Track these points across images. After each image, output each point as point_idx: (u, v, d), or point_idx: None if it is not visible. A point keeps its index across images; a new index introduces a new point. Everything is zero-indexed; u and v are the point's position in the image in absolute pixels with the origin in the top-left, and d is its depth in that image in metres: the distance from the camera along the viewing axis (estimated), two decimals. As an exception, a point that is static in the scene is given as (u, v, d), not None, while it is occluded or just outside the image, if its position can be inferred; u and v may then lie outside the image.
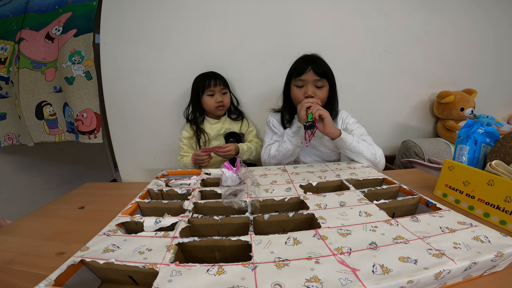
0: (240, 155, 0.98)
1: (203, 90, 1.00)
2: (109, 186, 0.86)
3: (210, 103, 1.01)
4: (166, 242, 0.39)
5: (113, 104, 1.18)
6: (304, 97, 0.79)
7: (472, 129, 0.65)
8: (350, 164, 0.77)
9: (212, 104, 1.01)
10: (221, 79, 1.04)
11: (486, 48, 1.29)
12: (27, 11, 1.16)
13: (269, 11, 1.10)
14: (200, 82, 1.01)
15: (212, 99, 1.01)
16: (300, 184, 0.61)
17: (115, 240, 0.41)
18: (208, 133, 1.05)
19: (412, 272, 0.31)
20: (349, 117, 0.90)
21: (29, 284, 0.31)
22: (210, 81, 1.00)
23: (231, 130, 1.08)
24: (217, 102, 1.01)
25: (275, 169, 0.76)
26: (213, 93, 1.01)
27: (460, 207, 0.56)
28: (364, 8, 1.15)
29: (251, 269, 0.32)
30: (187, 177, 0.68)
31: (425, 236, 0.38)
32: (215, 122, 1.07)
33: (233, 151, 0.95)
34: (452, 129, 1.25)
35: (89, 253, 0.37)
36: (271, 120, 0.95)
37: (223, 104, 1.03)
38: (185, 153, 1.05)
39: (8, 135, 1.30)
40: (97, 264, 0.35)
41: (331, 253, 0.35)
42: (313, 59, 0.81)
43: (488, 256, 0.33)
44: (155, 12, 1.08)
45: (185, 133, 1.05)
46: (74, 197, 0.72)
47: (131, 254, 0.36)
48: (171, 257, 0.35)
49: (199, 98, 1.02)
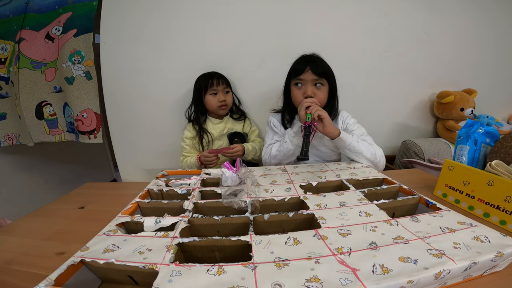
0: (246, 155, 0.99)
1: (206, 89, 1.00)
2: (109, 186, 0.86)
3: (213, 102, 1.01)
4: (166, 242, 0.39)
5: (113, 104, 1.18)
6: (303, 97, 0.79)
7: (472, 129, 0.65)
8: (350, 164, 0.77)
9: (215, 104, 1.01)
10: (223, 78, 1.04)
11: (486, 48, 1.29)
12: (27, 11, 1.16)
13: (269, 11, 1.10)
14: (202, 81, 1.02)
15: (215, 99, 1.01)
16: (300, 184, 0.61)
17: (115, 240, 0.40)
18: (211, 133, 1.05)
19: (412, 272, 0.31)
20: (350, 117, 0.90)
21: (29, 284, 0.31)
22: (213, 81, 1.00)
23: (234, 130, 1.08)
24: (220, 102, 1.01)
25: (275, 169, 0.76)
26: (215, 92, 1.01)
27: (460, 207, 0.56)
28: (364, 8, 1.15)
29: (251, 269, 0.32)
30: (187, 177, 0.68)
31: (425, 236, 0.38)
32: (218, 122, 1.07)
33: (241, 152, 0.96)
34: (452, 129, 1.25)
35: (89, 253, 0.37)
36: (272, 120, 0.95)
37: (226, 104, 1.03)
38: (188, 153, 1.04)
39: (8, 135, 1.30)
40: (97, 264, 0.35)
41: (331, 253, 0.35)
42: (312, 59, 0.81)
43: (488, 256, 0.33)
44: (155, 12, 1.08)
45: (187, 133, 1.05)
46: (74, 197, 0.72)
47: (131, 254, 0.36)
48: (171, 257, 0.35)
49: (202, 98, 1.02)
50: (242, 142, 1.05)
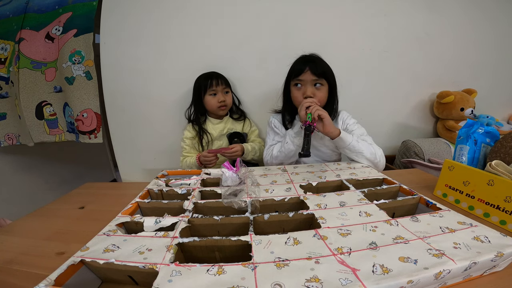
0: (245, 155, 0.99)
1: (205, 90, 1.00)
2: (109, 186, 0.86)
3: (213, 102, 1.01)
4: (166, 242, 0.39)
5: (113, 104, 1.18)
6: (303, 98, 0.79)
7: (472, 129, 0.65)
8: (350, 164, 0.77)
9: (215, 104, 1.01)
10: (223, 78, 1.04)
11: (486, 48, 1.29)
12: (27, 11, 1.16)
13: (269, 11, 1.10)
14: (202, 82, 1.02)
15: (214, 99, 1.01)
16: (300, 184, 0.61)
17: (115, 240, 0.40)
18: (211, 133, 1.05)
19: (412, 272, 0.31)
20: (350, 117, 0.90)
21: (29, 284, 0.31)
22: (212, 81, 1.00)
23: (234, 130, 1.08)
24: (219, 102, 1.01)
25: (275, 169, 0.76)
26: (215, 93, 1.01)
27: (460, 207, 0.56)
28: (364, 8, 1.15)
29: (251, 269, 0.32)
30: (187, 177, 0.68)
31: (425, 236, 0.38)
32: (218, 122, 1.07)
33: (240, 152, 0.96)
34: (452, 129, 1.25)
35: (89, 253, 0.37)
36: (272, 121, 0.95)
37: (226, 104, 1.03)
38: (187, 153, 1.04)
39: (8, 135, 1.30)
40: (97, 264, 0.35)
41: (331, 253, 0.35)
42: (312, 59, 0.81)
43: (488, 256, 0.33)
44: (155, 12, 1.08)
45: (187, 134, 1.05)
46: (74, 197, 0.72)
47: (131, 254, 0.36)
48: (171, 257, 0.35)
49: (201, 98, 1.02)
50: (241, 142, 1.05)
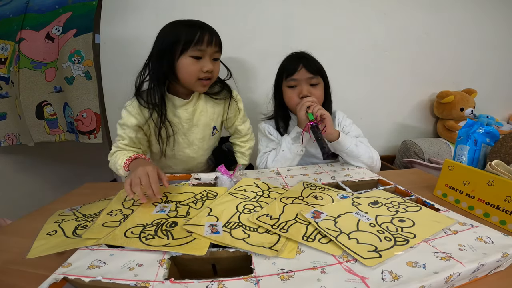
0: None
1: (186, 47, 0.61)
2: (109, 186, 0.86)
3: (192, 70, 0.63)
4: (157, 256, 0.36)
5: (113, 104, 1.17)
6: (299, 98, 0.73)
7: (472, 129, 0.65)
8: (344, 165, 0.76)
9: (195, 74, 0.64)
10: (217, 36, 0.65)
11: (486, 48, 1.29)
12: (27, 11, 1.16)
13: (269, 11, 1.10)
14: (181, 32, 0.62)
15: (196, 65, 0.63)
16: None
17: (100, 255, 0.37)
18: (173, 123, 0.69)
19: (423, 277, 0.30)
20: (345, 118, 0.85)
21: (29, 285, 0.31)
22: (203, 35, 0.61)
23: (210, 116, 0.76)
24: (204, 72, 0.64)
25: (268, 172, 0.72)
26: (201, 56, 0.63)
27: (460, 207, 0.56)
28: (364, 8, 1.15)
29: (254, 283, 0.30)
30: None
31: (429, 239, 0.38)
32: (183, 104, 0.70)
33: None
34: (452, 129, 1.25)
35: (72, 269, 0.34)
36: (266, 127, 0.84)
37: (212, 76, 0.67)
38: (125, 146, 0.70)
39: (8, 135, 1.30)
40: (83, 282, 0.32)
41: (336, 261, 0.34)
42: (303, 55, 0.75)
43: (494, 257, 0.33)
44: (154, 13, 1.08)
45: (130, 119, 0.68)
46: (74, 197, 0.72)
47: (120, 271, 0.33)
48: (165, 273, 0.33)
49: (173, 59, 0.63)
50: (225, 158, 0.81)
